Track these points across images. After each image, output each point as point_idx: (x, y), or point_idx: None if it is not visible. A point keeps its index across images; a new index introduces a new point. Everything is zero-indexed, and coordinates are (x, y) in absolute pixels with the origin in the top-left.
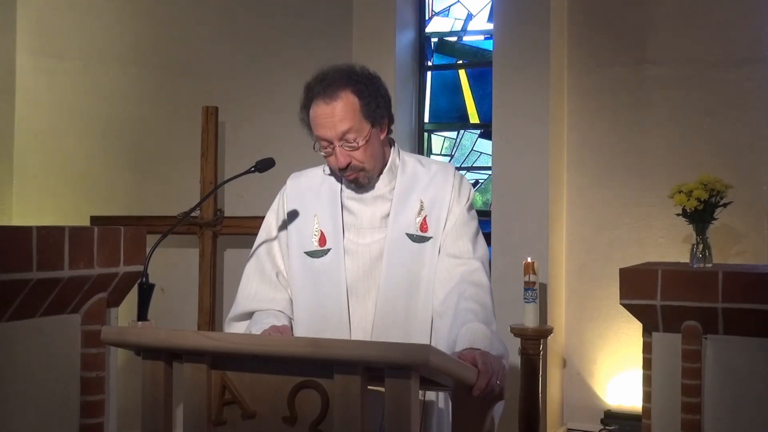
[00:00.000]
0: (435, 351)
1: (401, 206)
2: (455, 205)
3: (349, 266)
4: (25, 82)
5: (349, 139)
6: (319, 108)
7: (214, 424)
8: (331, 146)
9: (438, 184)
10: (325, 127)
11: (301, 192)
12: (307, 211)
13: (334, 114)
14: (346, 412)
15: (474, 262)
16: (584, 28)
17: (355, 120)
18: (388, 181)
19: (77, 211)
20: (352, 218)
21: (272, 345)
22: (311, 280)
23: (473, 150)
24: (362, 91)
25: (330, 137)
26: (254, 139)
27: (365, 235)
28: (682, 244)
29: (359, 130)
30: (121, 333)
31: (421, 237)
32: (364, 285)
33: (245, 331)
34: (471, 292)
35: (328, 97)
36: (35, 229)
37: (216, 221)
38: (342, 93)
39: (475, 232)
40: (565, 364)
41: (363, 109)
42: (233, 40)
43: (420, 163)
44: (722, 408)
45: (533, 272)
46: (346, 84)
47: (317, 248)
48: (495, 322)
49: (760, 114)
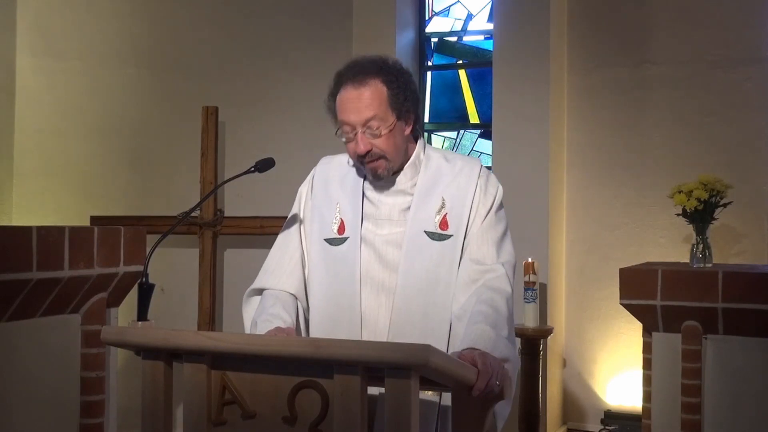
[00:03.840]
0: (435, 351)
1: (422, 202)
2: (481, 207)
3: (365, 255)
4: (25, 82)
5: (373, 127)
6: (347, 92)
7: (214, 424)
8: (353, 132)
9: (462, 181)
10: (350, 112)
11: (328, 178)
12: (331, 198)
13: (360, 99)
14: (346, 412)
15: (498, 268)
16: (584, 28)
17: (380, 108)
18: (411, 175)
19: (77, 211)
20: (372, 208)
21: (272, 345)
22: (328, 267)
23: (473, 150)
24: (391, 82)
25: (354, 122)
26: (254, 139)
27: (383, 227)
28: (682, 244)
29: (384, 119)
30: (121, 333)
31: (441, 235)
32: (378, 275)
33: (253, 314)
34: (487, 297)
35: (357, 83)
36: (35, 229)
37: (216, 221)
38: (371, 81)
39: (501, 235)
40: (565, 364)
41: (390, 100)
42: (233, 40)
43: (445, 158)
44: (722, 408)
45: (533, 272)
46: (377, 73)
47: (336, 236)
48: (507, 328)
49: (760, 114)
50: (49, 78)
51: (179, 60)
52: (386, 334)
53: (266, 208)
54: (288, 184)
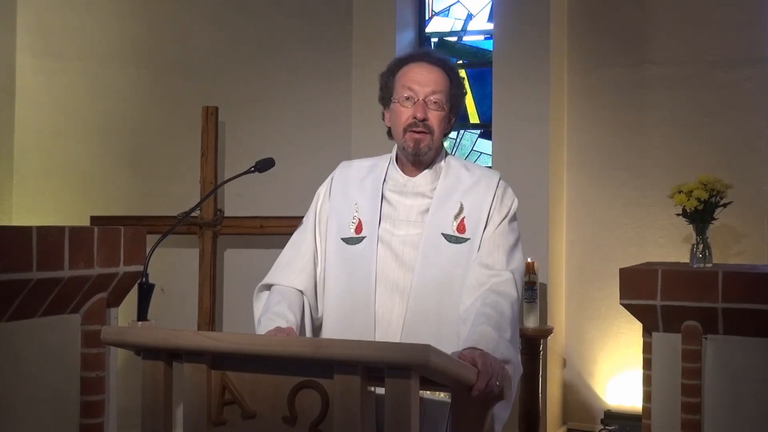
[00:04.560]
0: (435, 351)
1: (440, 205)
2: (496, 215)
3: (381, 254)
4: (25, 82)
5: (435, 101)
6: (419, 65)
7: (214, 424)
8: (415, 99)
9: (480, 190)
10: (419, 81)
11: (347, 181)
12: (350, 199)
13: (431, 73)
14: (346, 412)
15: (505, 273)
16: (584, 28)
17: (443, 91)
18: (431, 179)
19: (77, 211)
20: (390, 209)
21: (272, 345)
22: (344, 266)
23: (473, 150)
24: (452, 80)
25: (421, 88)
26: (254, 139)
27: (401, 227)
28: (682, 244)
29: (443, 101)
30: (121, 333)
31: (458, 238)
32: (393, 275)
33: (261, 310)
34: (492, 300)
35: (430, 63)
36: (35, 229)
37: (216, 221)
38: (439, 68)
39: (513, 244)
40: (565, 364)
41: (449, 92)
42: (233, 40)
43: (465, 167)
44: (722, 408)
45: (533, 272)
46: (443, 66)
47: (353, 235)
48: (511, 331)
49: (760, 114)
50: (49, 78)
51: (179, 60)
52: (399, 334)
53: (266, 208)
54: (288, 184)
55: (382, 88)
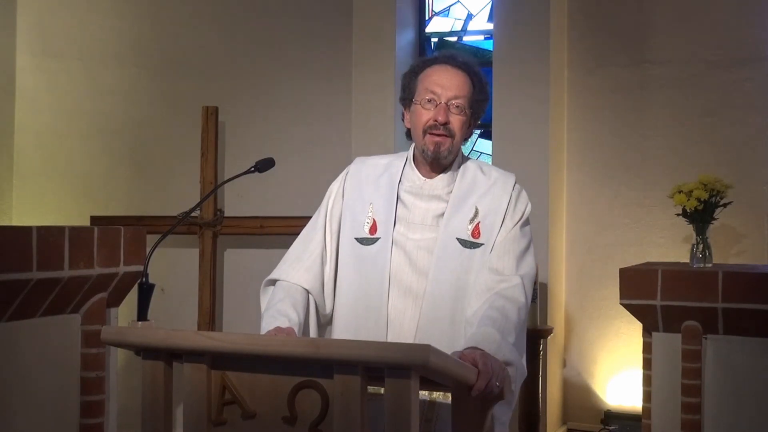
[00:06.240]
0: (435, 351)
1: (456, 209)
2: (508, 219)
3: (395, 257)
4: (25, 82)
5: (457, 105)
6: (443, 68)
7: (214, 424)
8: (437, 102)
9: (496, 193)
10: (443, 82)
11: (361, 179)
12: (364, 198)
13: (455, 77)
14: (346, 412)
15: (514, 279)
16: (584, 28)
17: (466, 96)
18: (447, 182)
19: (77, 211)
20: (405, 211)
21: (272, 345)
22: (357, 266)
23: (473, 150)
24: (476, 85)
25: (442, 93)
26: (254, 139)
27: (415, 231)
28: (682, 244)
29: (465, 106)
30: (121, 333)
31: (473, 243)
32: (406, 279)
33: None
34: (499, 304)
35: (455, 67)
36: (35, 229)
37: (216, 221)
38: (463, 73)
39: (524, 249)
40: (565, 364)
41: (471, 97)
42: (233, 40)
43: (481, 170)
44: (722, 408)
45: None
46: (468, 71)
47: (367, 236)
48: (515, 335)
49: (760, 114)
50: (49, 78)
51: (179, 60)
52: (412, 337)
53: (266, 208)
54: (288, 184)
55: (404, 88)
